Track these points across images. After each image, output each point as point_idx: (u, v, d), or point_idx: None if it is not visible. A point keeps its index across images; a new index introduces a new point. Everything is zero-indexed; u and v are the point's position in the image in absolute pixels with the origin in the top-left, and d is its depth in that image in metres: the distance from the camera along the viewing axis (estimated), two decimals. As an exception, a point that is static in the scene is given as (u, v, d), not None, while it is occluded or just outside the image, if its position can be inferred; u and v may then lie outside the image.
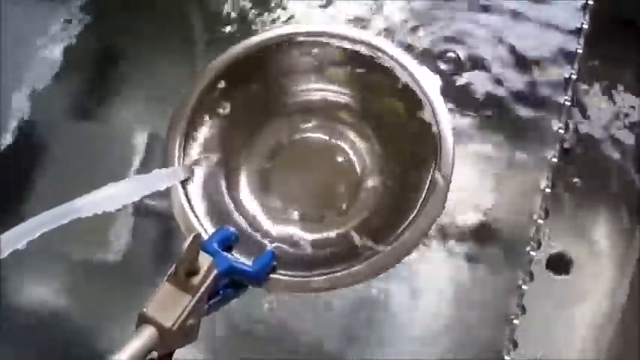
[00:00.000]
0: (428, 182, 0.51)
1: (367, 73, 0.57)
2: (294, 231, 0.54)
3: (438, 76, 0.55)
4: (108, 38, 0.62)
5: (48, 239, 0.41)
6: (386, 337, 0.48)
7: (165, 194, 0.53)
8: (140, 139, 0.56)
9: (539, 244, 0.48)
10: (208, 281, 0.42)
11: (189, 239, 0.40)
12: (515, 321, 0.46)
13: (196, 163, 0.55)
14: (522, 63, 0.54)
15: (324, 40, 0.58)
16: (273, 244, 0.52)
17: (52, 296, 0.53)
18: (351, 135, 0.57)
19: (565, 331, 0.48)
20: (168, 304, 0.40)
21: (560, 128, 0.52)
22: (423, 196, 0.51)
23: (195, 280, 0.41)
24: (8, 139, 0.58)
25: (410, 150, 0.54)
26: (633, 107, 0.54)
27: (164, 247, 0.53)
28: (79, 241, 0.53)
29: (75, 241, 0.53)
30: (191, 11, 0.61)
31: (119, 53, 0.62)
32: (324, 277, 0.49)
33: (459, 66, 0.55)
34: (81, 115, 0.59)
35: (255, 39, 0.59)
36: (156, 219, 0.53)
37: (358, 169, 0.56)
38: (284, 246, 0.52)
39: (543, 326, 0.47)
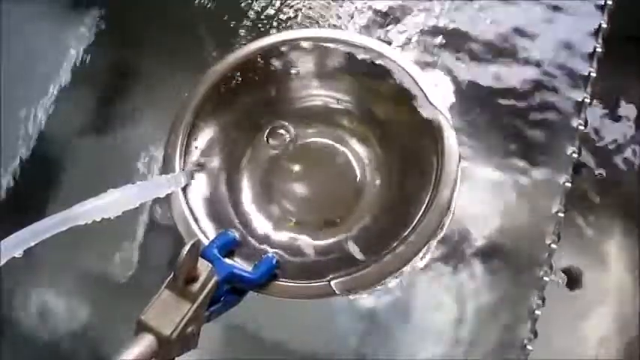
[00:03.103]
0: (430, 190, 0.50)
1: (369, 78, 0.57)
2: (295, 237, 0.53)
3: (442, 86, 0.55)
4: (120, 52, 0.62)
5: (58, 250, 0.41)
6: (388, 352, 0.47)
7: (169, 201, 0.53)
8: (154, 152, 0.56)
9: (552, 268, 0.48)
10: (208, 288, 0.41)
11: (187, 246, 0.39)
12: (528, 346, 0.45)
13: (197, 168, 0.54)
14: (535, 86, 0.54)
15: (326, 45, 0.57)
16: (274, 250, 0.51)
17: (61, 307, 0.53)
18: (352, 141, 0.57)
19: (578, 353, 0.47)
20: (166, 312, 0.39)
21: (573, 152, 0.51)
22: (426, 203, 0.50)
23: (195, 287, 0.40)
24: (23, 153, 0.58)
25: (412, 157, 0.54)
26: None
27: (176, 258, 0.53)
28: (89, 252, 0.53)
29: (85, 251, 0.53)
30: (201, 23, 0.61)
31: (131, 66, 0.62)
32: (324, 283, 0.48)
33: (465, 85, 0.55)
34: (94, 129, 0.59)
35: (255, 44, 0.58)
36: (169, 229, 0.53)
37: (359, 176, 0.55)
38: (284, 252, 0.52)
39: (556, 349, 0.47)
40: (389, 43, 0.57)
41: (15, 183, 0.58)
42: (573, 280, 0.48)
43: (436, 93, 0.54)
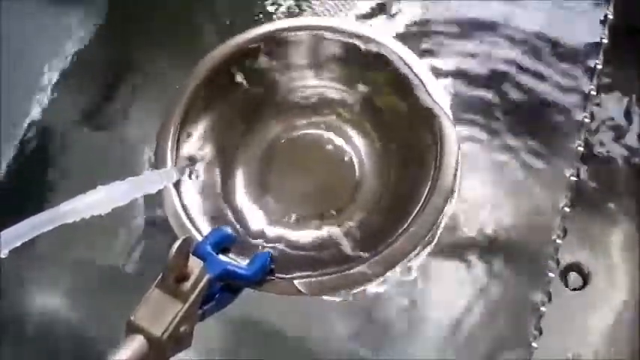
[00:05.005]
0: (429, 182, 0.49)
1: (366, 67, 0.55)
2: (291, 231, 0.52)
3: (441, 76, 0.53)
4: (115, 45, 0.62)
5: (56, 243, 0.41)
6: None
7: (162, 197, 0.51)
8: (147, 146, 0.55)
9: (558, 264, 0.47)
10: (200, 287, 0.40)
11: (177, 244, 0.38)
12: (533, 344, 0.44)
13: (189, 164, 0.53)
14: (540, 78, 0.53)
15: (321, 34, 0.56)
16: (270, 245, 0.50)
17: (60, 304, 0.52)
18: (349, 132, 0.55)
19: (583, 350, 0.46)
20: (157, 312, 0.38)
21: (579, 145, 0.50)
22: (425, 195, 0.49)
23: (186, 285, 0.39)
24: (18, 146, 0.58)
25: (410, 148, 0.52)
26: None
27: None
28: (88, 248, 0.52)
29: (85, 247, 0.52)
30: (202, 19, 0.61)
31: (126, 59, 0.61)
32: (322, 278, 0.47)
33: (470, 77, 0.54)
34: (87, 122, 0.59)
35: (248, 34, 0.57)
36: (167, 224, 0.52)
37: (356, 168, 0.54)
38: (281, 247, 0.50)
39: (561, 347, 0.46)
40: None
41: (9, 176, 0.57)
42: (578, 279, 0.47)
43: (435, 83, 0.53)
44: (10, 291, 0.52)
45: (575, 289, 0.47)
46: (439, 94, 0.52)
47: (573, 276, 0.47)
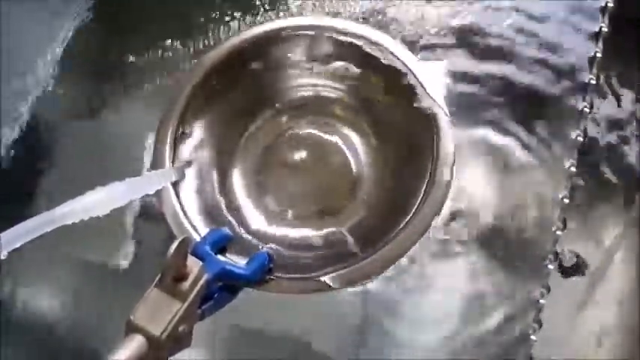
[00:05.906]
0: (426, 180, 0.49)
1: (363, 66, 0.55)
2: (289, 231, 0.52)
3: (438, 71, 0.53)
4: (112, 39, 0.62)
5: (54, 242, 0.40)
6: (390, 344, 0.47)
7: (160, 196, 0.51)
8: (145, 143, 0.55)
9: (557, 256, 0.47)
10: (198, 286, 0.40)
11: (175, 244, 0.38)
12: (532, 336, 0.44)
13: (188, 163, 0.53)
14: (539, 67, 0.52)
15: (317, 33, 0.56)
16: (268, 245, 0.51)
17: (58, 303, 0.52)
18: (346, 131, 0.55)
19: (582, 342, 0.46)
20: (156, 312, 0.38)
21: (578, 136, 0.50)
22: (422, 193, 0.49)
23: (185, 285, 0.40)
24: (14, 137, 0.58)
25: (408, 145, 0.53)
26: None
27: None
28: (86, 248, 0.52)
29: (82, 247, 0.52)
30: (193, 10, 0.60)
31: (129, 60, 0.60)
32: (320, 277, 0.47)
33: (468, 72, 0.53)
34: (87, 115, 0.59)
35: (245, 34, 0.57)
36: (166, 226, 0.52)
37: (354, 167, 0.54)
38: (279, 247, 0.51)
39: (559, 339, 0.46)
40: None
41: (5, 176, 0.57)
42: (577, 267, 0.47)
43: (432, 81, 0.53)
44: (8, 291, 0.52)
45: (574, 281, 0.46)
46: (436, 91, 0.52)
47: (573, 268, 0.47)
